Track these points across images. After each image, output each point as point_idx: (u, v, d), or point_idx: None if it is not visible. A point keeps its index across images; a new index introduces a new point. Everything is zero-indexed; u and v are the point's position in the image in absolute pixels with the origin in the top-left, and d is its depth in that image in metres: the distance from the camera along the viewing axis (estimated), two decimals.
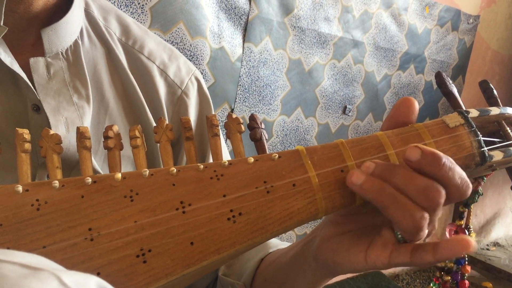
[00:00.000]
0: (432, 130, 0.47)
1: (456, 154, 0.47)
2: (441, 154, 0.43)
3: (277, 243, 0.72)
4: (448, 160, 0.43)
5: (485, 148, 0.47)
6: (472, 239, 0.49)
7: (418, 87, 2.45)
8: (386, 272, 2.75)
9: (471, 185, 0.44)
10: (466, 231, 0.54)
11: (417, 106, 0.49)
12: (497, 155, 0.49)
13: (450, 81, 0.53)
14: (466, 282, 0.56)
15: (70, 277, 0.27)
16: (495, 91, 0.55)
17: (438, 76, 0.53)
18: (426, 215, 0.42)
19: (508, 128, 0.52)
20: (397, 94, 2.34)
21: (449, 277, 0.57)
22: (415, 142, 0.47)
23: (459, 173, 0.43)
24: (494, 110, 0.52)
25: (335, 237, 0.51)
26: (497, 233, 3.38)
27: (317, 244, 0.53)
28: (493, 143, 0.51)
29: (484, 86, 0.56)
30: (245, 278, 0.68)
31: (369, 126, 2.27)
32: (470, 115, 0.49)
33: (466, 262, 0.57)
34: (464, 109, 0.51)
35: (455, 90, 0.53)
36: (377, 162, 0.44)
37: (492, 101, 0.55)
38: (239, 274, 0.70)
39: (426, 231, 0.44)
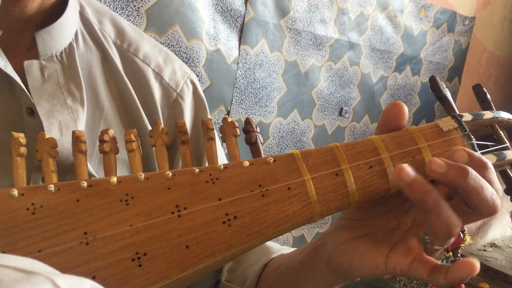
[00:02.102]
0: (426, 134, 0.48)
1: (449, 158, 0.47)
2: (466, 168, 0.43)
3: (280, 248, 0.71)
4: (472, 174, 0.43)
5: (479, 152, 0.48)
6: (467, 241, 0.49)
7: (414, 89, 2.46)
8: None
9: (498, 204, 0.44)
10: (461, 233, 0.55)
11: (406, 110, 0.49)
12: (491, 159, 0.49)
13: (444, 85, 0.54)
14: (462, 285, 0.57)
15: (64, 280, 0.28)
16: (488, 95, 0.56)
17: (432, 80, 0.54)
18: (460, 224, 0.43)
19: (501, 132, 0.52)
20: (393, 95, 2.34)
21: None
22: (410, 145, 0.47)
23: (488, 189, 0.44)
24: (488, 114, 0.52)
25: (350, 241, 0.51)
26: (494, 234, 3.38)
27: (330, 250, 0.52)
28: (487, 146, 0.51)
29: (477, 90, 0.56)
30: (248, 284, 0.67)
31: (365, 127, 2.27)
32: (464, 119, 0.49)
33: None
34: (458, 113, 0.51)
35: (448, 94, 0.53)
36: (449, 163, 0.43)
37: (485, 105, 0.55)
38: (242, 280, 0.69)
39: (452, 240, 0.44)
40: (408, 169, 0.42)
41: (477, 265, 0.41)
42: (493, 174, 0.44)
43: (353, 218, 0.53)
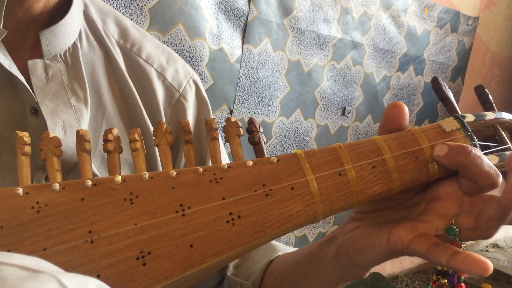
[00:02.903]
0: (429, 134, 0.48)
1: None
2: (467, 145, 0.46)
3: (285, 248, 0.72)
4: (474, 149, 0.45)
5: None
6: (469, 242, 0.50)
7: (417, 89, 2.46)
8: (385, 273, 2.76)
9: (499, 173, 0.46)
10: None
11: (406, 110, 0.49)
12: (493, 159, 0.49)
13: (446, 86, 0.54)
14: (463, 285, 0.57)
15: (69, 279, 0.28)
16: (490, 96, 0.56)
17: (434, 81, 0.54)
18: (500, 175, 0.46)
19: (503, 133, 0.52)
20: (396, 95, 2.34)
21: (446, 280, 0.57)
22: (412, 146, 0.47)
23: (487, 162, 0.45)
24: (490, 115, 0.52)
25: (357, 229, 0.52)
26: (496, 234, 3.37)
27: (339, 239, 0.53)
28: (489, 147, 0.51)
29: (479, 91, 0.56)
30: (253, 278, 0.68)
31: (368, 127, 2.27)
32: (466, 120, 0.50)
33: None
34: (460, 113, 0.51)
35: (451, 95, 0.53)
36: (450, 144, 0.46)
37: (488, 106, 0.55)
38: (247, 275, 0.70)
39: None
40: (441, 146, 0.46)
41: (490, 268, 0.42)
42: (478, 157, 0.46)
43: (363, 211, 0.54)
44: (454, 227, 0.46)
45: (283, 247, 0.72)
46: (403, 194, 0.51)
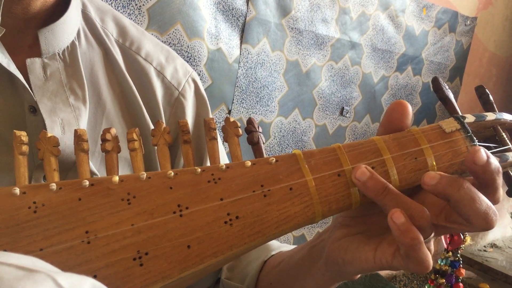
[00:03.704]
0: (429, 135, 0.48)
1: (452, 159, 0.47)
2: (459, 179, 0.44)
3: (279, 245, 0.72)
4: (466, 184, 0.43)
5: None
6: (467, 242, 0.49)
7: (416, 89, 2.46)
8: (383, 273, 2.76)
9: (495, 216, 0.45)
10: (461, 234, 0.55)
11: (410, 109, 0.49)
12: None
13: (446, 86, 0.54)
14: (461, 284, 0.57)
15: (65, 279, 0.28)
16: (491, 97, 0.55)
17: (435, 81, 0.54)
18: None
19: (503, 134, 0.52)
20: (394, 95, 2.34)
21: (444, 280, 0.57)
22: (412, 147, 0.47)
23: (484, 200, 0.44)
24: (490, 116, 0.52)
25: (345, 237, 0.51)
26: (494, 234, 3.38)
27: (328, 246, 0.53)
28: (489, 148, 0.51)
29: (480, 91, 0.56)
30: (248, 281, 0.67)
31: (366, 127, 2.27)
32: (466, 121, 0.49)
33: (461, 265, 0.57)
34: (460, 114, 0.51)
35: (451, 95, 0.53)
36: (442, 175, 0.44)
37: (488, 107, 0.55)
38: (241, 277, 0.70)
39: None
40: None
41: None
42: (501, 180, 0.44)
43: (350, 215, 0.53)
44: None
45: (276, 245, 0.72)
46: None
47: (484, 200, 0.43)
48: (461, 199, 0.42)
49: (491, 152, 0.51)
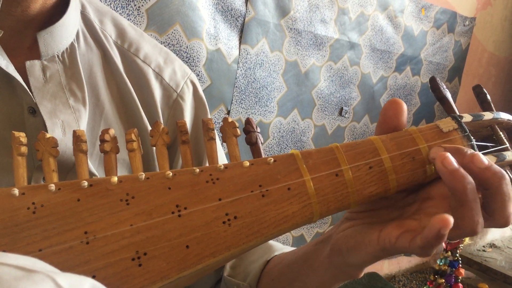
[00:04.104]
0: (426, 134, 0.48)
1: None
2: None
3: (282, 247, 0.72)
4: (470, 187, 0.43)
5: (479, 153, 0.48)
6: (466, 242, 0.49)
7: (414, 89, 2.46)
8: (382, 273, 2.76)
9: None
10: None
11: (405, 107, 0.49)
12: (490, 160, 0.49)
13: (444, 86, 0.54)
14: (460, 285, 0.57)
15: (64, 279, 0.28)
16: (488, 96, 0.56)
17: (432, 81, 0.54)
18: (483, 225, 0.43)
19: (501, 133, 0.52)
20: (393, 96, 2.34)
21: (443, 280, 0.57)
22: (410, 146, 0.47)
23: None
24: (487, 115, 0.52)
25: (351, 228, 0.52)
26: (493, 234, 3.38)
27: (333, 238, 0.53)
28: (486, 147, 0.51)
29: (477, 90, 0.56)
30: (250, 279, 0.68)
31: (365, 128, 2.27)
32: (464, 120, 0.49)
33: (460, 265, 0.57)
34: (458, 114, 0.51)
35: (449, 95, 0.53)
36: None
37: (486, 106, 0.55)
38: (244, 275, 0.70)
39: None
40: (451, 158, 0.43)
41: (450, 219, 0.40)
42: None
43: (357, 210, 0.53)
44: None
45: (280, 246, 0.72)
46: (397, 194, 0.50)
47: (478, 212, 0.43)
48: (501, 193, 0.43)
49: (488, 152, 0.51)
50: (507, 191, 0.43)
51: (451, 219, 0.39)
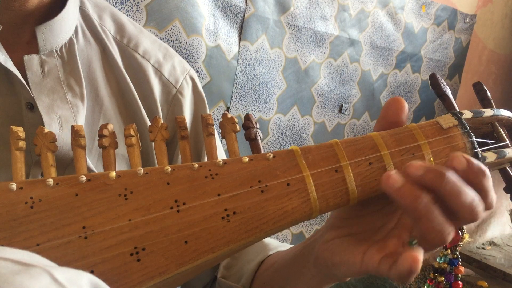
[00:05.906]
0: (426, 131, 0.48)
1: (449, 155, 0.47)
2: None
3: (277, 245, 0.71)
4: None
5: (479, 149, 0.48)
6: (465, 239, 0.49)
7: (415, 86, 2.46)
8: None
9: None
10: (459, 231, 0.54)
11: (406, 105, 0.49)
12: (490, 156, 0.49)
13: (444, 83, 0.54)
14: (460, 283, 0.57)
15: (62, 273, 0.28)
16: (488, 93, 0.55)
17: (432, 77, 0.54)
18: (453, 231, 0.42)
19: (501, 130, 0.52)
20: (393, 93, 2.34)
21: (443, 278, 0.57)
22: (409, 142, 0.47)
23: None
24: (488, 112, 0.52)
25: (336, 239, 0.51)
26: (493, 232, 3.39)
27: (317, 248, 0.53)
28: (486, 144, 0.51)
29: (477, 87, 0.56)
30: (243, 281, 0.67)
31: (365, 125, 2.27)
32: (464, 117, 0.49)
33: (460, 263, 0.57)
34: (458, 110, 0.51)
35: (449, 92, 0.53)
36: (427, 166, 0.42)
37: (486, 103, 0.55)
38: (238, 277, 0.69)
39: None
40: (396, 176, 0.41)
41: (420, 257, 0.41)
42: (490, 181, 0.43)
43: (342, 216, 0.53)
44: (414, 241, 0.45)
45: (274, 244, 0.72)
46: (380, 199, 0.50)
47: (469, 192, 0.42)
48: (448, 192, 0.41)
49: (488, 149, 0.51)
50: (452, 188, 0.41)
51: (420, 256, 0.40)
